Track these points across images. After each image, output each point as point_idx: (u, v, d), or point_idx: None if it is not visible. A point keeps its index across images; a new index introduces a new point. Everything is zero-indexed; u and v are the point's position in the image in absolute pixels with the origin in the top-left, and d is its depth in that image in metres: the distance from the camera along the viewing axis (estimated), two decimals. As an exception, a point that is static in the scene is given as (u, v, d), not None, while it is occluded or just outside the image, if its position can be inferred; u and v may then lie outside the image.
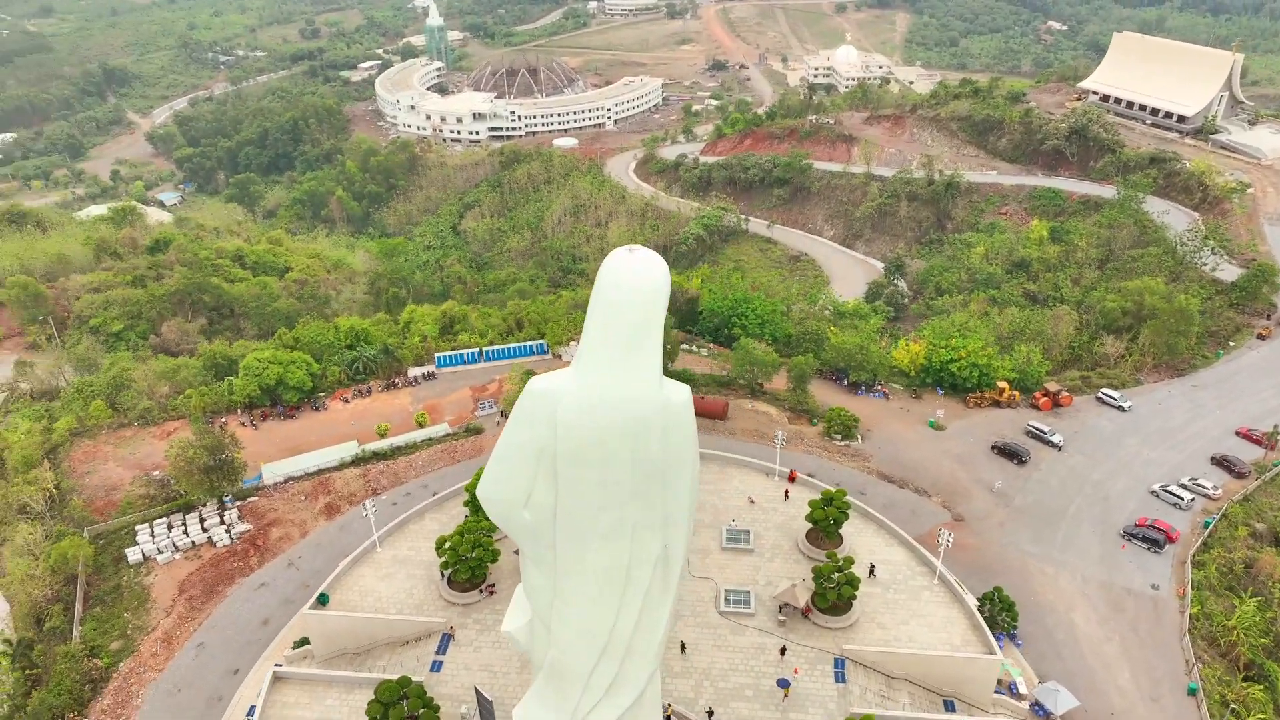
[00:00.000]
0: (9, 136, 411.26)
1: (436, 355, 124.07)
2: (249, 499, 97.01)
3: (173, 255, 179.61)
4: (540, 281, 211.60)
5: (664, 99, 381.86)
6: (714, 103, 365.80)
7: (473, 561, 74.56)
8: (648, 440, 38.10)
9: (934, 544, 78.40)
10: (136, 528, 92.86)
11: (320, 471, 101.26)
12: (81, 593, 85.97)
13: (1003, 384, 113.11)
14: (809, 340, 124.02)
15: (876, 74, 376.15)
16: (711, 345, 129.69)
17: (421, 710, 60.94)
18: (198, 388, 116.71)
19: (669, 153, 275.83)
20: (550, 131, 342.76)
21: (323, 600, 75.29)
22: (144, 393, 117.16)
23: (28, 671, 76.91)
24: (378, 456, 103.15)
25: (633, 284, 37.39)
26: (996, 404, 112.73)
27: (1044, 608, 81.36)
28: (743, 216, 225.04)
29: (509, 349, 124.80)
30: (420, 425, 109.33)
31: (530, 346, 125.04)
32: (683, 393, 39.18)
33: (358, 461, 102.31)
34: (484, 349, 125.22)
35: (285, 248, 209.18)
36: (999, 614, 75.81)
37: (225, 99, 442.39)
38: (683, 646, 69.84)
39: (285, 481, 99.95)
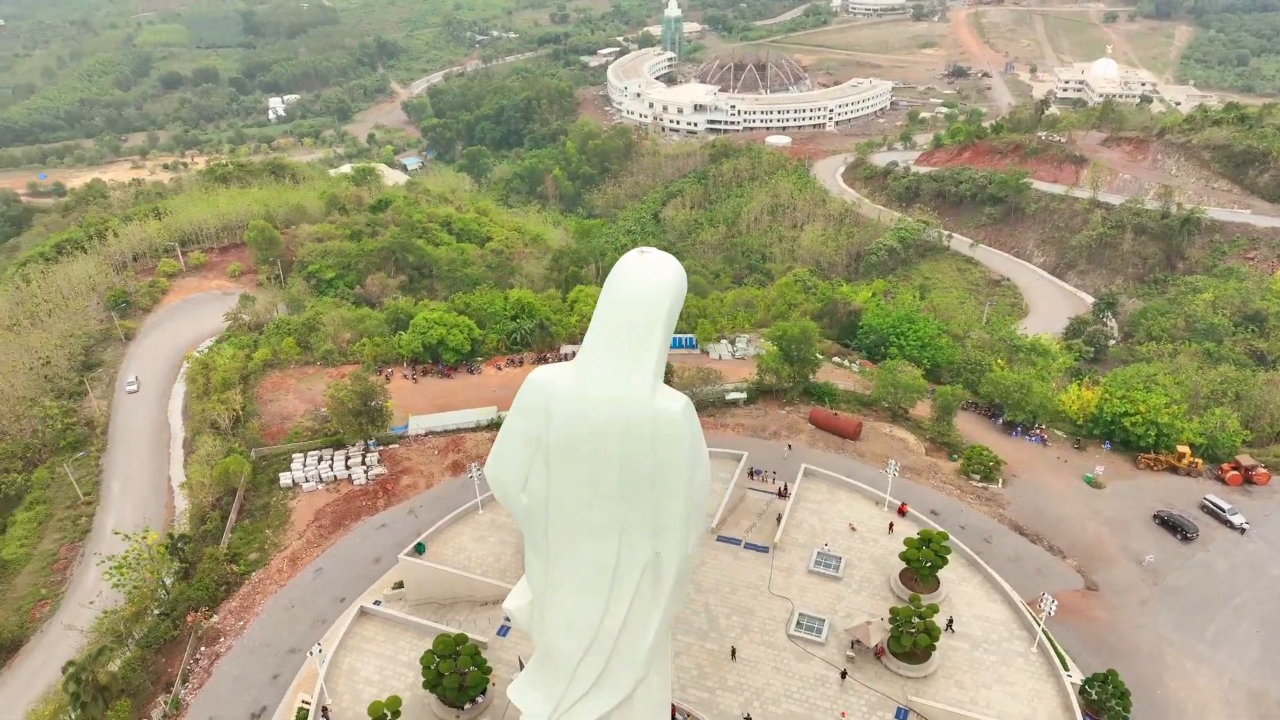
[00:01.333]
0: (294, 98, 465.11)
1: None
2: (391, 445, 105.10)
3: (389, 215, 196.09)
4: (724, 276, 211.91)
5: (892, 103, 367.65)
6: (944, 110, 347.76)
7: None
8: (636, 445, 37.77)
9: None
10: (294, 456, 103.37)
11: (458, 430, 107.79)
12: (237, 505, 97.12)
13: (1184, 448, 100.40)
14: (970, 370, 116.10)
15: (1136, 92, 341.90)
16: (865, 362, 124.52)
17: (470, 669, 63.85)
18: (373, 338, 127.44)
19: (880, 159, 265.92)
20: (768, 128, 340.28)
21: (419, 549, 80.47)
22: (330, 336, 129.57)
23: (181, 564, 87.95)
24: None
25: (635, 287, 37.13)
26: (1172, 469, 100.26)
27: (1169, 705, 72.06)
28: (946, 233, 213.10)
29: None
30: None
31: (679, 340, 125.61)
32: (678, 402, 38.35)
33: (492, 426, 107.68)
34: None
35: (491, 218, 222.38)
36: (1107, 700, 68.00)
37: (474, 75, 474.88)
38: (734, 652, 68.63)
39: (425, 435, 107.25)
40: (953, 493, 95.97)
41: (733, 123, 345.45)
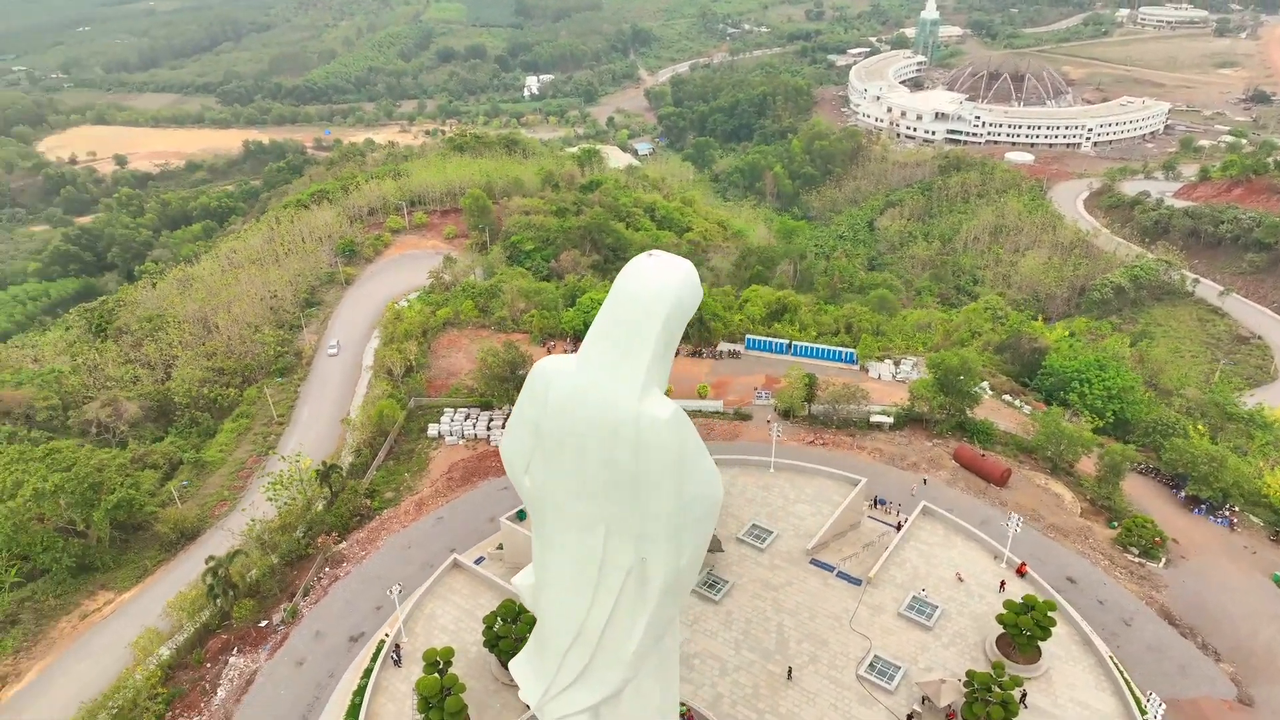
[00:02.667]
0: (548, 77, 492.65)
1: (747, 336, 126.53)
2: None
3: (596, 196, 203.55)
4: (927, 294, 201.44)
5: (1166, 127, 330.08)
6: (1229, 139, 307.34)
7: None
8: (619, 446, 37.46)
9: (1190, 713, 62.94)
10: (445, 410, 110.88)
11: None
12: (387, 447, 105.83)
13: None
14: (1159, 431, 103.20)
15: None
16: (1039, 405, 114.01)
17: (527, 635, 66.10)
18: (542, 310, 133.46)
19: (1131, 187, 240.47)
20: (1012, 143, 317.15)
21: (520, 516, 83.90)
22: (506, 304, 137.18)
23: (329, 490, 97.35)
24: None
25: (635, 288, 36.68)
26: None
27: None
28: (1192, 277, 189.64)
29: (817, 349, 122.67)
30: (700, 396, 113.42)
31: (839, 353, 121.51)
32: (665, 410, 37.36)
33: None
34: (794, 342, 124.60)
35: (694, 209, 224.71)
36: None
37: (719, 68, 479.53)
38: (790, 672, 66.31)
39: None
40: (1100, 562, 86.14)
41: (974, 134, 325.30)
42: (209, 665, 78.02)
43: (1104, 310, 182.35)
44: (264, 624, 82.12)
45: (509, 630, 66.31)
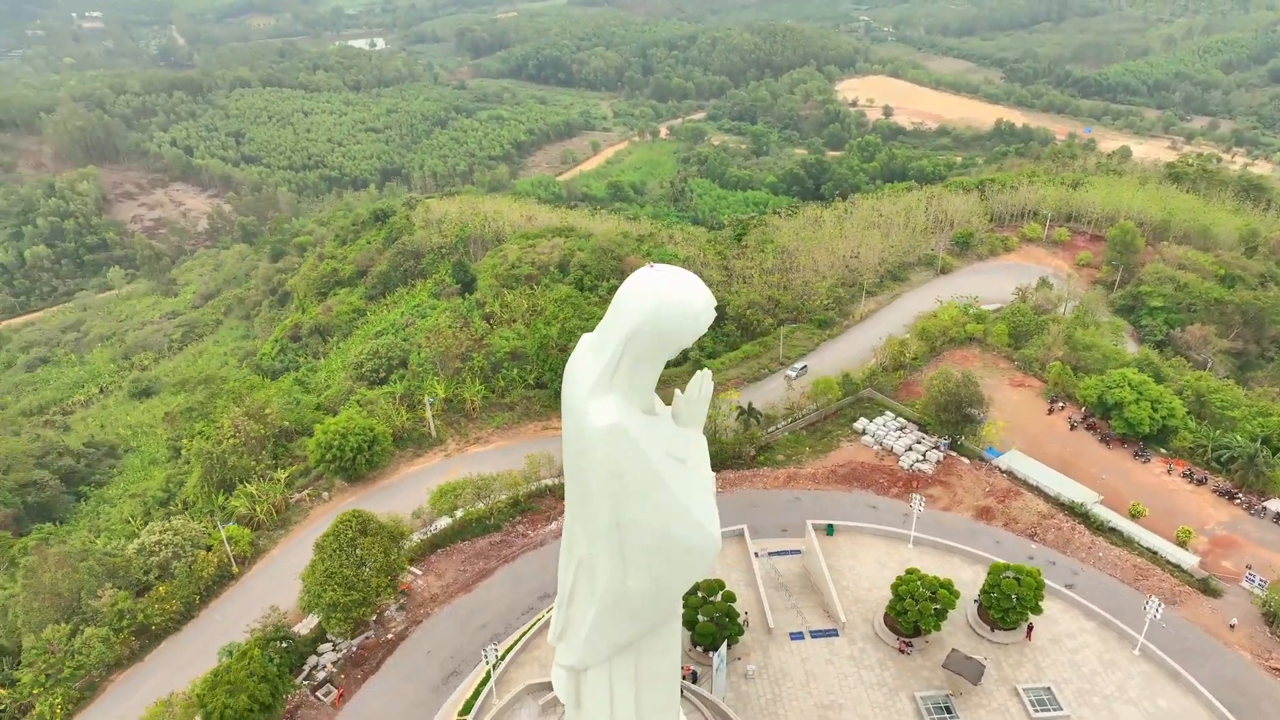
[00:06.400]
0: None
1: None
2: (965, 456, 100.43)
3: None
4: None
5: None
6: None
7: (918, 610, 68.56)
8: (575, 434, 37.55)
9: None
10: (887, 411, 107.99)
11: (1037, 491, 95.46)
12: (818, 415, 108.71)
13: None
14: None
15: None
16: None
17: (720, 615, 67.02)
18: (1063, 365, 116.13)
19: None
20: None
21: (829, 530, 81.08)
22: (1048, 346, 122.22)
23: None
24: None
25: (622, 295, 35.46)
26: None
27: None
28: None
29: None
30: (1134, 515, 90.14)
31: None
32: (601, 418, 34.93)
33: (1078, 515, 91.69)
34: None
35: None
36: None
37: None
38: None
39: (1006, 471, 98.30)
40: None
41: None
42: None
43: None
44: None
45: (697, 601, 67.93)
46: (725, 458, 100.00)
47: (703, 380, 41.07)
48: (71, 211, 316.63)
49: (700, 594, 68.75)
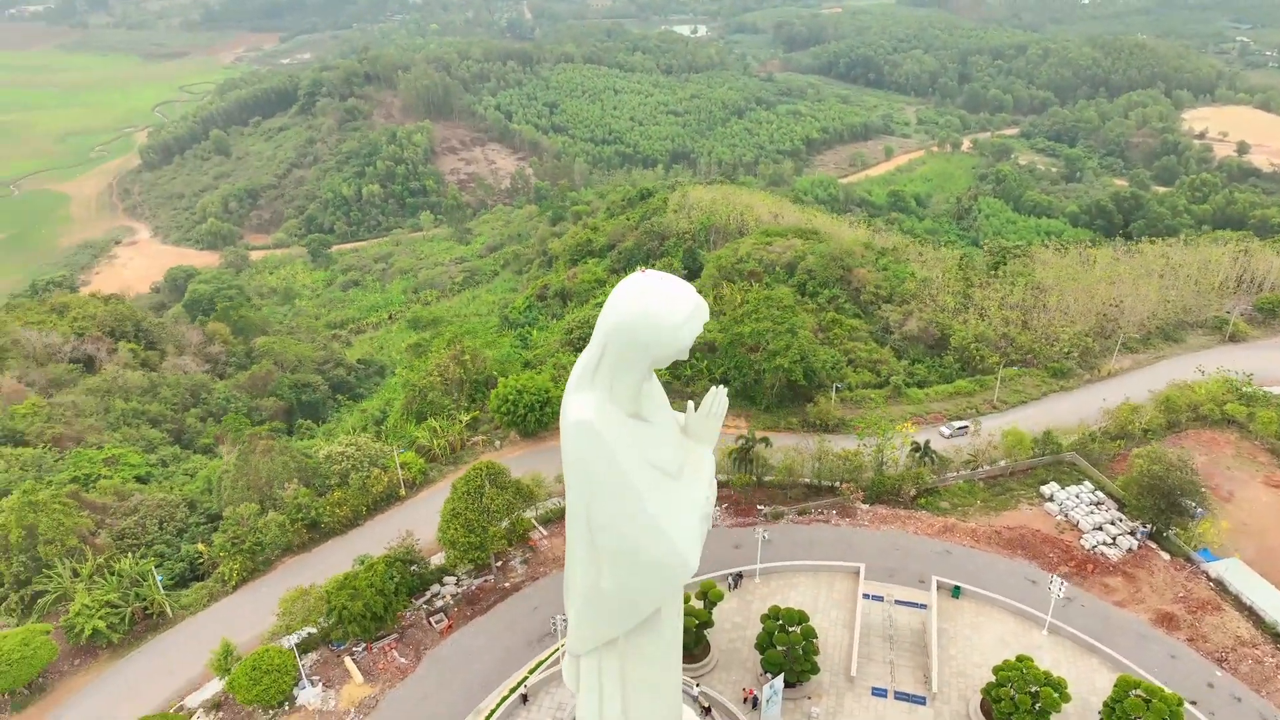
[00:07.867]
0: None
1: None
2: (1179, 554, 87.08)
3: None
4: None
5: None
6: None
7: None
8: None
9: None
10: (1087, 481, 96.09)
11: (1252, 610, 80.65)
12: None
13: None
14: None
15: None
16: None
17: (800, 640, 64.60)
18: None
19: None
20: None
21: (955, 592, 74.19)
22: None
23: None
24: None
25: (610, 297, 35.18)
26: None
27: None
28: None
29: None
30: None
31: None
32: (574, 412, 34.64)
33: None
34: None
35: None
36: None
37: None
38: None
39: (1214, 580, 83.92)
40: None
41: None
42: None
43: None
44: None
45: (783, 638, 65.63)
46: (881, 492, 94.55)
47: (716, 396, 40.06)
48: (405, 158, 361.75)
49: (780, 621, 66.34)
